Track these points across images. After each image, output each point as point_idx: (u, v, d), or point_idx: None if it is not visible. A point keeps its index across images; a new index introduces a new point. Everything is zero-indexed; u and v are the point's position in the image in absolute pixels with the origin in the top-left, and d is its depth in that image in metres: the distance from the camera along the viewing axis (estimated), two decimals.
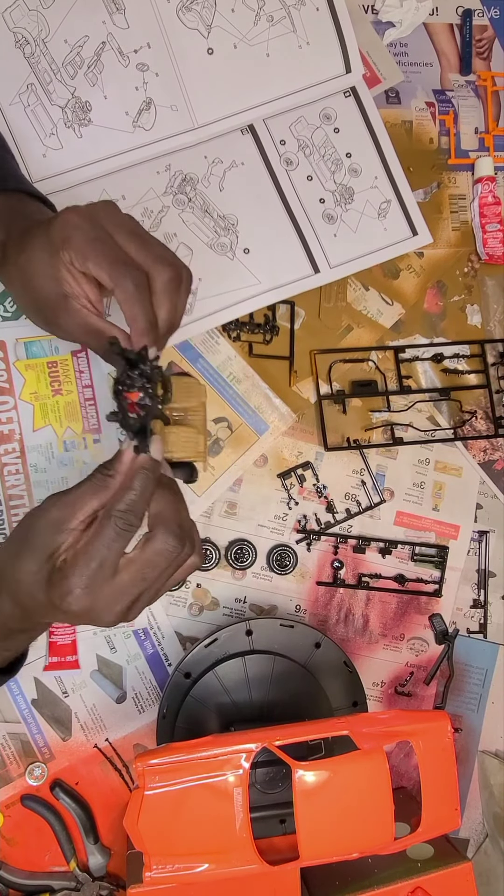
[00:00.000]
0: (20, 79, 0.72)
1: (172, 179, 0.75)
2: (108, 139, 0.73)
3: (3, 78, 0.72)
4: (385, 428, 0.79)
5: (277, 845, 0.65)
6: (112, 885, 0.71)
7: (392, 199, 0.80)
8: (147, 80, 0.73)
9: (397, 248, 0.79)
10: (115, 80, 0.73)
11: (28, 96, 0.72)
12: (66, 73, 0.72)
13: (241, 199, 0.76)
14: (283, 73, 0.77)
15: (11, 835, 0.70)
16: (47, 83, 0.72)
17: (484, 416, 0.81)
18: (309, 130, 0.78)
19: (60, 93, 0.72)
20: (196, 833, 0.57)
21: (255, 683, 0.68)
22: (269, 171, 0.77)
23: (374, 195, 0.79)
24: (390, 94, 0.82)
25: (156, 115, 0.74)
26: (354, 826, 0.58)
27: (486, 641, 0.80)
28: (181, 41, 0.74)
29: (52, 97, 0.72)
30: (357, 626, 0.78)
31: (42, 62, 0.72)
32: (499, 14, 0.85)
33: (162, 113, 0.74)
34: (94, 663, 0.72)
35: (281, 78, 0.77)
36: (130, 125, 0.74)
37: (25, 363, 0.71)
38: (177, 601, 0.74)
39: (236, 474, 0.75)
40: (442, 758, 0.62)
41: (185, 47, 0.74)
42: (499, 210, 0.82)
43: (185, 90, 0.74)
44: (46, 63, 0.72)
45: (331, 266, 0.77)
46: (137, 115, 0.73)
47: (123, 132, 0.73)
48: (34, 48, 0.72)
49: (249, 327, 0.76)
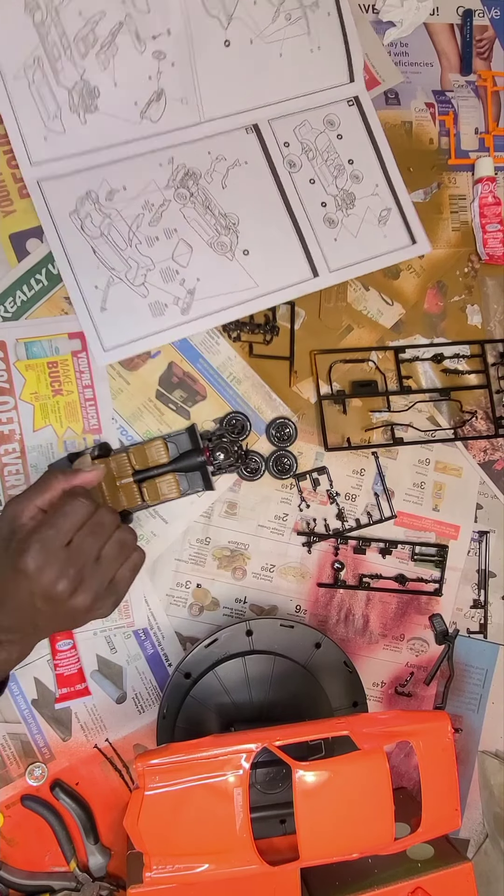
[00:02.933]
0: (27, 49, 0.69)
1: (175, 173, 0.74)
2: (114, 127, 0.72)
3: (10, 46, 0.69)
4: (385, 428, 0.79)
5: (277, 845, 0.65)
6: (112, 886, 0.71)
7: (392, 208, 0.80)
8: (162, 69, 0.72)
9: (396, 255, 0.79)
10: (128, 67, 0.71)
11: (34, 72, 0.70)
12: (76, 50, 0.70)
13: (244, 198, 0.76)
14: (293, 75, 0.77)
15: (11, 835, 0.70)
16: (56, 59, 0.70)
17: (484, 416, 0.81)
18: (313, 135, 0.78)
19: (69, 73, 0.70)
20: (196, 833, 0.57)
21: (256, 683, 0.68)
22: (273, 172, 0.77)
23: (375, 202, 0.79)
24: (389, 96, 0.82)
25: (165, 106, 0.73)
26: (354, 826, 0.58)
27: (486, 641, 0.80)
28: (201, 29, 0.72)
29: (60, 77, 0.70)
30: (357, 626, 0.78)
31: (52, 33, 0.69)
32: (499, 14, 0.85)
33: (172, 105, 0.73)
34: (95, 663, 0.72)
35: (290, 80, 0.77)
36: (138, 115, 0.72)
37: (26, 363, 0.71)
38: (177, 601, 0.74)
39: (234, 476, 0.75)
40: (442, 758, 0.62)
41: (204, 36, 0.73)
42: (499, 210, 0.81)
43: (198, 83, 0.73)
44: (57, 35, 0.69)
45: (330, 270, 0.77)
46: (146, 105, 0.72)
47: (129, 122, 0.72)
48: (45, 15, 0.69)
49: (249, 327, 0.76)
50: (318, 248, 0.77)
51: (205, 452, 0.72)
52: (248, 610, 0.76)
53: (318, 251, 0.77)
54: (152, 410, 0.74)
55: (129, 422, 0.73)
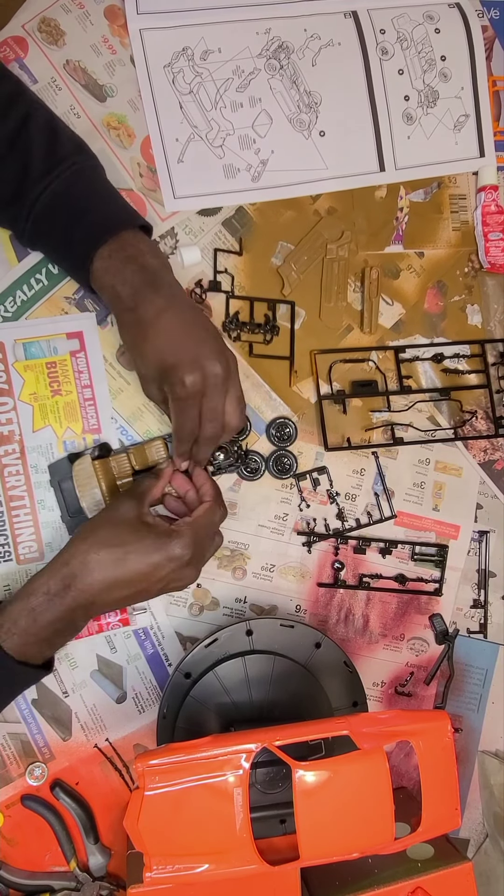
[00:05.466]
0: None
1: (270, 43, 0.78)
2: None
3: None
4: (385, 428, 0.79)
5: (277, 845, 0.65)
6: (112, 885, 0.71)
7: (471, 115, 0.82)
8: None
9: (463, 164, 0.82)
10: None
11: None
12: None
13: (330, 79, 0.79)
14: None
15: (11, 835, 0.70)
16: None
17: (484, 416, 0.81)
18: (410, 25, 0.81)
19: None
20: (196, 833, 0.57)
21: (255, 683, 0.68)
22: (364, 56, 0.79)
23: (456, 106, 0.81)
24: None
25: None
26: (354, 826, 0.58)
27: (486, 641, 0.80)
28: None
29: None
30: (357, 626, 0.78)
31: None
32: (499, 14, 0.85)
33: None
34: (95, 663, 0.72)
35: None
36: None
37: (24, 364, 0.71)
38: (177, 601, 0.74)
39: (234, 475, 0.75)
40: (442, 758, 0.62)
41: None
42: (501, 219, 0.81)
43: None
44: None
45: (397, 167, 0.80)
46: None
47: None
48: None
49: (249, 327, 0.76)
50: (390, 142, 0.80)
51: None
52: (248, 610, 0.76)
53: (390, 146, 0.80)
54: (152, 410, 0.74)
55: (128, 422, 0.73)
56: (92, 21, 0.76)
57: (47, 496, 0.71)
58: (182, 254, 0.74)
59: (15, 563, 0.70)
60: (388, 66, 0.80)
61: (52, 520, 0.71)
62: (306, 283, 0.78)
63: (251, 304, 0.77)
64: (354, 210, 0.80)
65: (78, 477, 0.67)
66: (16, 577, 0.70)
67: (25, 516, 0.71)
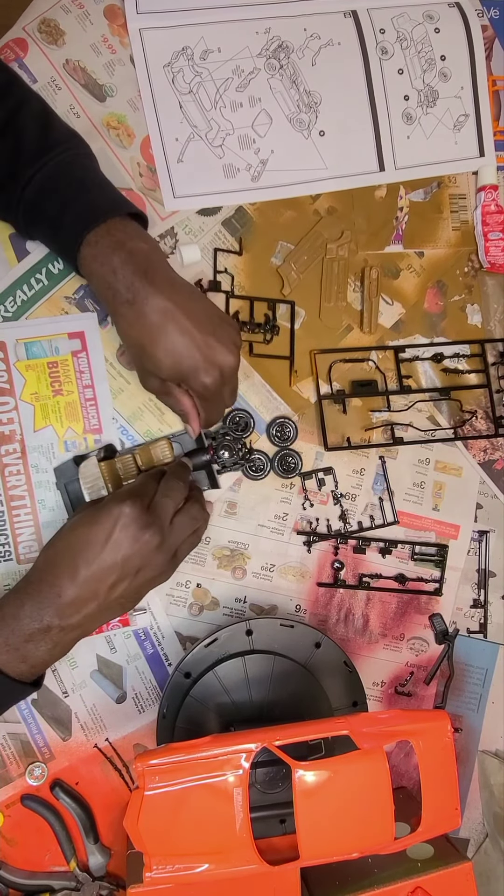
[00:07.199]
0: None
1: (269, 43, 0.78)
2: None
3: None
4: (385, 428, 0.79)
5: (277, 845, 0.65)
6: (112, 885, 0.71)
7: (471, 115, 0.82)
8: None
9: (463, 164, 0.82)
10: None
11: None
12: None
13: (330, 78, 0.79)
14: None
15: (11, 835, 0.70)
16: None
17: (484, 415, 0.81)
18: (410, 25, 0.81)
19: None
20: (196, 833, 0.57)
21: (255, 683, 0.68)
22: (363, 56, 0.80)
23: (456, 105, 0.81)
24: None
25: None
26: (354, 826, 0.58)
27: (486, 641, 0.80)
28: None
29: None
30: (357, 625, 0.78)
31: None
32: (498, 14, 0.85)
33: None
34: (94, 663, 0.72)
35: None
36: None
37: (26, 364, 0.71)
38: (177, 601, 0.74)
39: (236, 474, 0.75)
40: (442, 758, 0.62)
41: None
42: (501, 219, 0.81)
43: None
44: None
45: (396, 167, 0.80)
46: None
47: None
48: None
49: (249, 327, 0.76)
50: (390, 142, 0.80)
51: (209, 451, 0.72)
52: (248, 609, 0.76)
53: (390, 145, 0.80)
54: (153, 410, 0.74)
55: (129, 421, 0.73)
56: (91, 21, 0.76)
57: (48, 496, 0.71)
58: (181, 252, 0.74)
59: (15, 563, 0.70)
60: (388, 66, 0.80)
61: (52, 519, 0.71)
62: (306, 282, 0.78)
63: (251, 304, 0.77)
64: (354, 210, 0.80)
65: (84, 479, 0.67)
66: (16, 576, 0.70)
67: (26, 516, 0.71)
